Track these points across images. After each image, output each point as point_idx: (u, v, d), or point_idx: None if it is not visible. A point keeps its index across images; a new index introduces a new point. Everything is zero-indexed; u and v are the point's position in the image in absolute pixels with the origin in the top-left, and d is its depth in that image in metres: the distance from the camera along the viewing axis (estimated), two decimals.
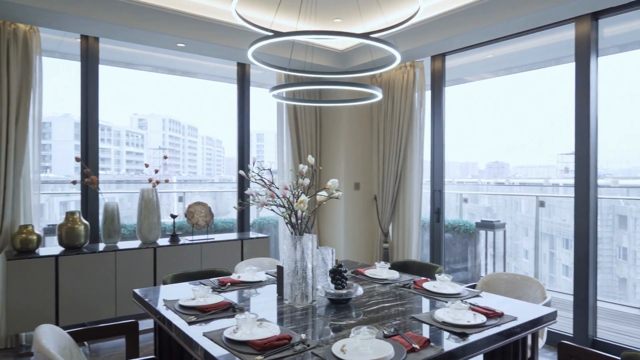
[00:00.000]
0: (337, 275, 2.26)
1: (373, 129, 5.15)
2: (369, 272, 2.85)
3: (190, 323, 1.93)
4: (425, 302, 2.29)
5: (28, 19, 3.46)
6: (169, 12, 3.73)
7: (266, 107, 5.30)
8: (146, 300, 2.32)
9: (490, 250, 5.66)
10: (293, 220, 2.19)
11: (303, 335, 1.75)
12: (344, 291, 2.22)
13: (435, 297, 2.34)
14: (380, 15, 4.12)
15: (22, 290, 3.31)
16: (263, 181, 2.21)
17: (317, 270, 2.35)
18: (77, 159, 3.90)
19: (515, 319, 1.96)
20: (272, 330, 1.78)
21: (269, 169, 2.22)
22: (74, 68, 4.02)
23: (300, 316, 2.05)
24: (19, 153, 3.52)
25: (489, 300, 2.29)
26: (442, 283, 2.46)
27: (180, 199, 5.87)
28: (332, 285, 2.27)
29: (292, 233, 2.20)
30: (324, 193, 2.21)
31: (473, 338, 1.76)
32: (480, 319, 1.92)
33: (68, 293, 3.46)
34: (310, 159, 2.27)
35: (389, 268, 2.87)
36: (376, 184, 5.09)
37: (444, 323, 1.89)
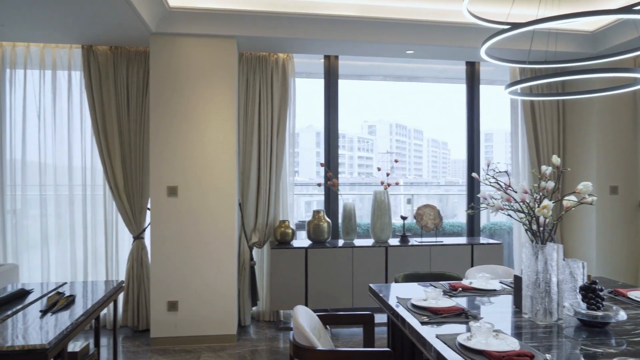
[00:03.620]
0: (590, 293, 1.95)
1: (638, 121, 4.24)
2: (633, 294, 2.36)
3: (422, 323, 1.97)
4: None
5: (286, 49, 4.15)
6: (399, 22, 3.90)
7: (496, 105, 4.98)
8: (380, 295, 2.48)
9: None
10: (534, 227, 1.99)
11: (548, 356, 1.57)
12: (599, 313, 1.90)
13: None
14: None
15: (281, 274, 3.98)
16: (498, 184, 2.09)
17: (564, 286, 2.08)
18: (321, 164, 4.46)
19: None
20: (509, 343, 1.66)
21: (506, 171, 2.08)
22: (316, 85, 4.61)
23: (542, 334, 1.85)
24: (279, 160, 4.24)
25: None
26: None
27: (409, 201, 6.04)
28: (583, 305, 1.97)
29: (532, 241, 2.01)
30: (572, 198, 1.94)
31: None
32: None
33: (314, 281, 3.99)
34: (556, 160, 2.02)
35: None
36: None
37: None
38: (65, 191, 4.11)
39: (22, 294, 2.60)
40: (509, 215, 2.10)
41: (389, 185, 4.24)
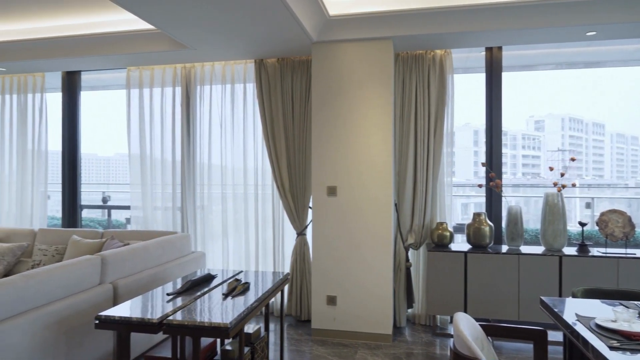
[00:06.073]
0: None
1: None
2: None
3: (611, 348, 1.70)
4: None
5: (443, 44, 3.99)
6: (576, 1, 3.42)
7: None
8: (555, 310, 2.21)
9: None
10: None
11: None
12: None
13: None
14: None
15: (438, 278, 3.84)
16: None
17: None
18: (482, 164, 4.18)
19: None
20: None
21: None
22: (475, 80, 4.33)
23: None
24: (436, 160, 4.11)
25: None
26: None
27: (588, 206, 5.28)
28: None
29: None
30: None
31: None
32: None
33: (474, 287, 3.76)
34: None
35: None
36: None
37: None
38: (240, 190, 4.65)
39: (209, 278, 3.02)
40: None
41: (563, 187, 3.76)
